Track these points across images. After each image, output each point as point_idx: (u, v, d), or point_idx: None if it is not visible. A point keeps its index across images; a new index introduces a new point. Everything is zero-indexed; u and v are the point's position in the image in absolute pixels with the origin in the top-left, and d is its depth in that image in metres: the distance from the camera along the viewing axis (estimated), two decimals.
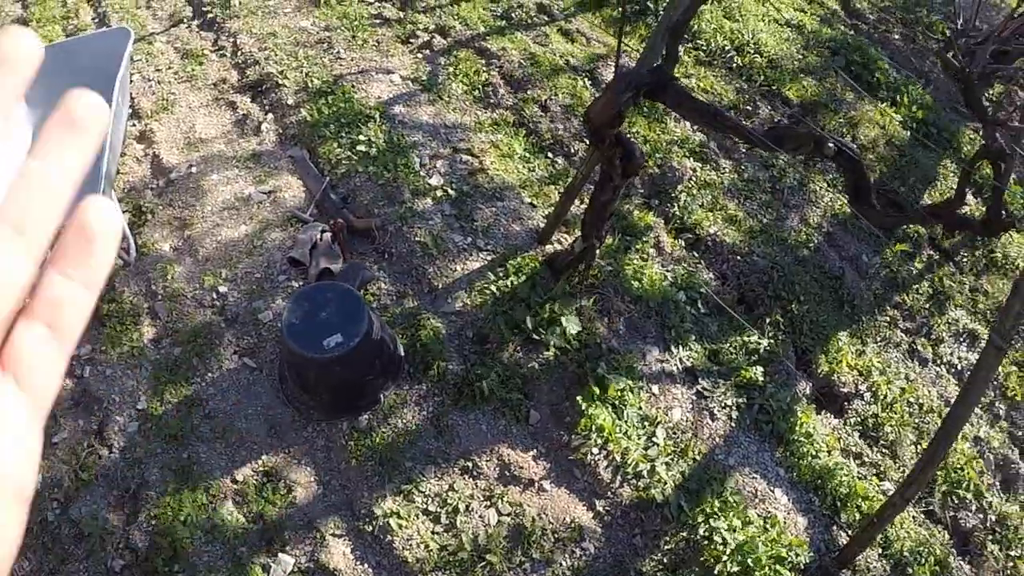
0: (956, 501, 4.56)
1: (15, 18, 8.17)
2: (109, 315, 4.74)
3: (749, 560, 3.85)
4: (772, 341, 4.93)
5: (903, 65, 8.26)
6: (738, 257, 5.37)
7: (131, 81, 6.20)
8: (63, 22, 7.80)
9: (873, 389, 4.94)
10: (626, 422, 4.23)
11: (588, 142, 4.14)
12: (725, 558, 3.89)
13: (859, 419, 4.83)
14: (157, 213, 5.42)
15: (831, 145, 3.63)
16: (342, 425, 4.19)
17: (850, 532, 4.22)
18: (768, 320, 5.09)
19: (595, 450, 4.13)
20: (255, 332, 4.62)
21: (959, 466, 4.65)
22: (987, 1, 11.39)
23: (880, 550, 4.27)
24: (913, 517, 4.41)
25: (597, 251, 4.38)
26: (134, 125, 6.21)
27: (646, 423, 4.30)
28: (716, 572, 3.88)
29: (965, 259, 6.14)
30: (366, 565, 3.94)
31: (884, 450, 4.72)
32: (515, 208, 5.34)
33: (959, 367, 5.35)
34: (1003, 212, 4.31)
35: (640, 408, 4.34)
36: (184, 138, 6.08)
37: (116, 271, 4.99)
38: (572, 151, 5.99)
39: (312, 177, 5.55)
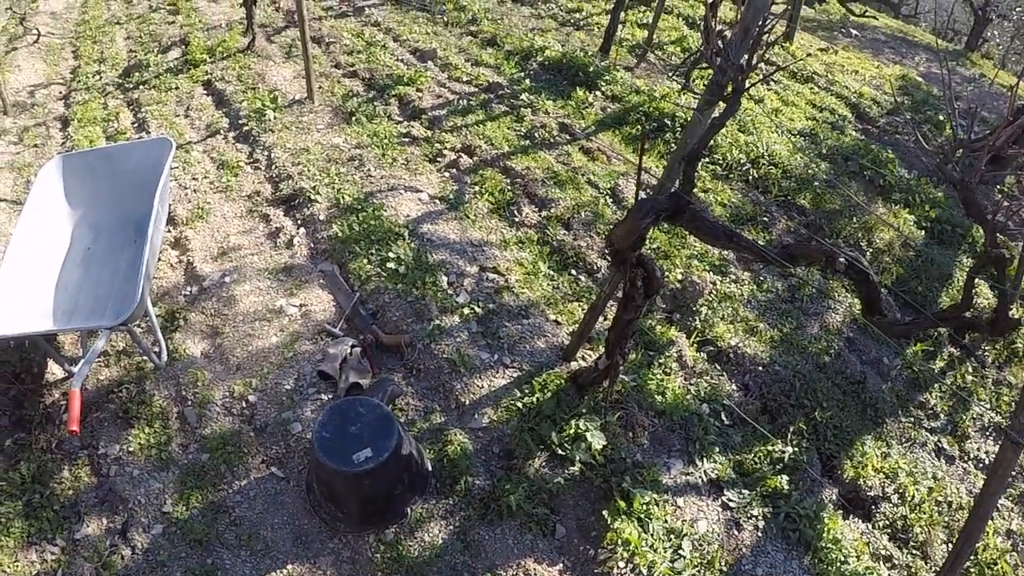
0: None
1: (57, 116, 8.52)
2: (138, 417, 4.79)
3: None
4: (796, 449, 4.95)
5: (913, 165, 8.44)
6: (760, 367, 5.45)
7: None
8: (104, 124, 8.12)
9: (900, 491, 4.92)
10: (652, 535, 4.24)
11: (610, 263, 4.28)
12: None
13: (887, 522, 4.80)
14: (189, 319, 5.55)
15: (842, 260, 3.76)
16: (368, 537, 4.19)
17: None
18: (792, 428, 5.12)
19: (621, 564, 4.12)
20: (283, 442, 4.66)
21: (992, 560, 4.63)
22: (994, 91, 11.68)
23: None
24: None
25: (621, 367, 4.48)
26: (169, 231, 6.42)
27: (672, 536, 4.31)
28: None
29: (987, 353, 6.18)
30: None
31: (915, 551, 4.67)
32: (540, 325, 5.46)
33: (986, 462, 5.34)
34: (1009, 312, 4.41)
35: (666, 521, 4.35)
36: (218, 247, 6.27)
37: (147, 374, 5.09)
38: (595, 268, 6.14)
39: (342, 292, 5.71)
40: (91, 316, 4.89)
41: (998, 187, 8.08)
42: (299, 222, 6.50)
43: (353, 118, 7.97)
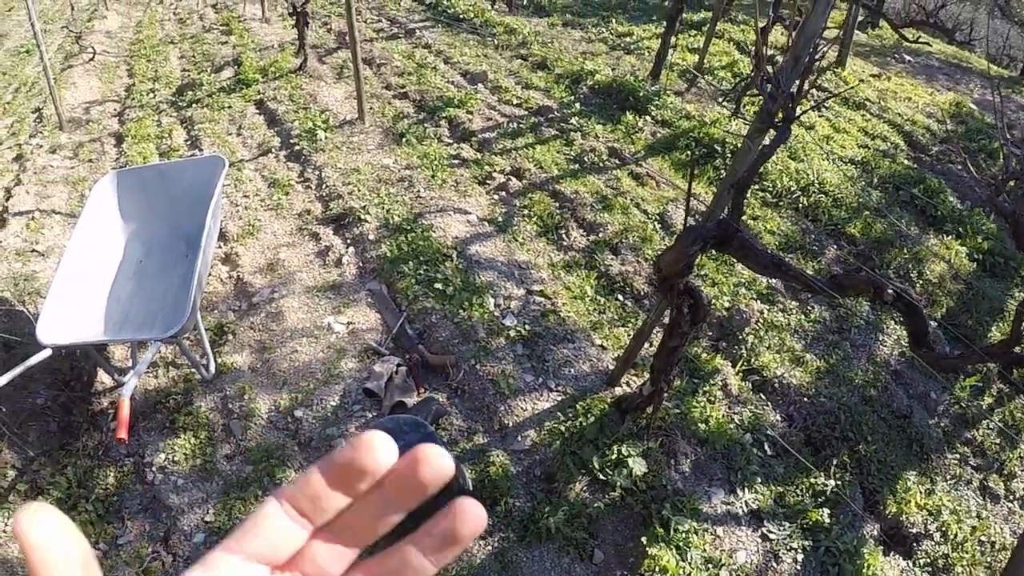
0: None
1: (112, 132, 8.70)
2: (184, 427, 4.85)
3: None
4: (839, 482, 4.90)
5: (966, 195, 8.33)
6: (805, 398, 5.41)
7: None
8: (157, 141, 8.30)
9: (943, 528, 4.83)
10: (690, 564, 4.22)
11: (657, 289, 4.28)
12: None
13: (928, 560, 4.70)
14: (238, 334, 5.63)
15: (890, 291, 3.72)
16: None
17: None
18: (835, 461, 5.06)
19: None
20: None
21: None
22: None
23: None
24: None
25: (665, 394, 4.47)
26: (220, 247, 6.53)
27: (710, 565, 4.27)
28: None
29: None
30: None
31: None
32: (585, 350, 5.47)
33: None
34: None
35: (704, 550, 4.32)
36: (268, 264, 6.36)
37: (194, 385, 5.18)
38: (641, 293, 6.14)
39: (389, 311, 5.78)
40: (142, 328, 4.95)
41: None
42: (348, 241, 6.59)
43: (403, 139, 8.07)
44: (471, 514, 0.56)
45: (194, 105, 9.29)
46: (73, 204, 7.15)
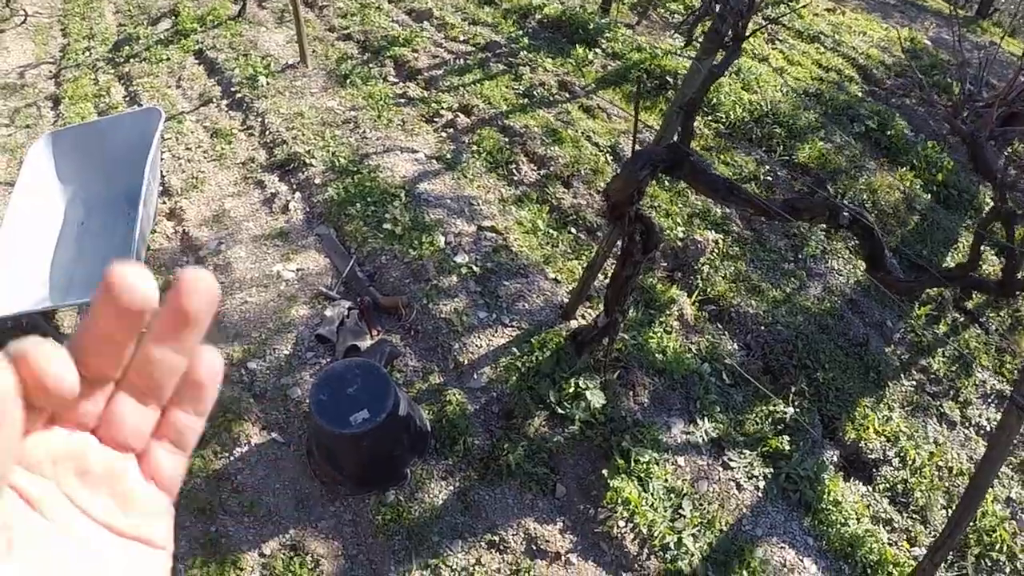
0: (989, 564, 4.47)
1: (48, 95, 8.45)
2: None
3: None
4: (798, 410, 4.91)
5: (921, 128, 8.33)
6: (762, 327, 5.39)
7: (161, 159, 6.32)
8: (95, 100, 8.06)
9: (901, 454, 4.88)
10: (652, 494, 4.21)
11: (608, 218, 4.19)
12: None
13: (888, 485, 4.76)
14: None
15: (846, 214, 3.67)
16: (369, 499, 4.17)
17: None
18: (793, 389, 5.07)
19: (621, 523, 4.10)
20: (283, 407, 4.63)
21: (991, 527, 4.56)
22: (1003, 60, 11.52)
23: None
24: None
25: (620, 325, 4.41)
26: (164, 203, 6.35)
27: (672, 495, 4.27)
28: None
29: (991, 320, 6.12)
30: None
31: (914, 515, 4.64)
32: (539, 284, 5.41)
33: (988, 428, 5.28)
34: (1018, 273, 4.30)
35: (666, 480, 4.32)
36: (213, 216, 6.21)
37: None
38: (594, 226, 6.08)
39: (339, 255, 5.65)
40: (86, 290, 4.82)
41: (1008, 151, 7.96)
42: (294, 187, 6.44)
43: (347, 81, 7.87)
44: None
45: (131, 60, 8.98)
46: (12, 173, 6.90)
